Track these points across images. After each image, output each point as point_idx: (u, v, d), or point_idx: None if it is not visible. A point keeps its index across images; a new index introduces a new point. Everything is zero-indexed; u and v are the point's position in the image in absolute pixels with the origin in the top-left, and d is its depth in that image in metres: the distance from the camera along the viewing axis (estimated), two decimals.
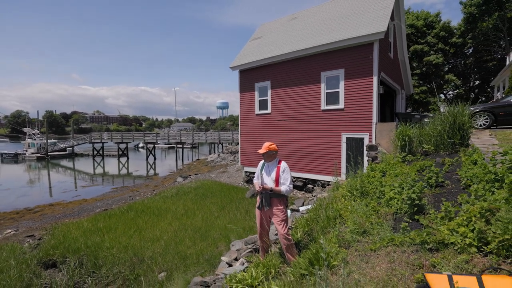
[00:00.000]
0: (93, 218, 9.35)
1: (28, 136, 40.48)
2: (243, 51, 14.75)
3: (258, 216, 3.91)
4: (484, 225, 2.19)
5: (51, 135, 62.03)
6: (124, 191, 17.60)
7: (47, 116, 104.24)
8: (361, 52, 9.94)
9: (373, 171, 5.83)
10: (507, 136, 5.68)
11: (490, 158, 3.44)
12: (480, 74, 27.74)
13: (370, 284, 2.31)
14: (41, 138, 41.00)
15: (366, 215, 3.66)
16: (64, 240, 7.23)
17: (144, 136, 36.21)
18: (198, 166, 25.91)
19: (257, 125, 13.48)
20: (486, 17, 23.60)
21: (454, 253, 2.29)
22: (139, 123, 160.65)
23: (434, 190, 4.05)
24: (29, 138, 40.19)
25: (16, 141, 77.50)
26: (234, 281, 3.21)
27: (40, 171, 28.44)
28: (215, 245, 6.12)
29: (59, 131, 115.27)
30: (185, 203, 10.38)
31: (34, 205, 14.57)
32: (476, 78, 28.91)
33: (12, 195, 17.29)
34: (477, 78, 28.77)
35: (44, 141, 38.34)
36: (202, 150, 48.49)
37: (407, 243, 2.71)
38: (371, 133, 9.75)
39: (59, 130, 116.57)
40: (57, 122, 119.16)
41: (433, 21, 26.50)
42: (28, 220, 11.96)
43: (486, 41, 25.13)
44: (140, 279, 5.30)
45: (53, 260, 6.45)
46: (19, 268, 5.88)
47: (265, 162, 3.92)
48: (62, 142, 41.99)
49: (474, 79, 29.11)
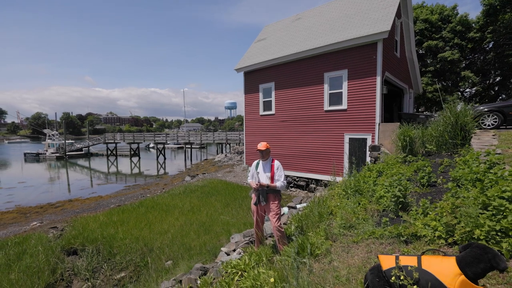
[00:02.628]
0: (108, 213, 10.02)
1: (48, 137, 42.43)
2: (248, 53, 14.99)
3: (254, 211, 4.18)
4: (452, 219, 2.35)
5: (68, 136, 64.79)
6: (136, 189, 18.34)
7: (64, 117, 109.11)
8: (364, 52, 9.94)
9: (370, 171, 5.93)
10: (511, 137, 5.62)
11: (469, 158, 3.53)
12: (502, 70, 26.43)
13: (345, 268, 2.52)
14: (59, 138, 43.02)
15: (353, 211, 3.84)
16: (83, 231, 7.95)
17: (155, 136, 37.17)
18: (205, 166, 26.44)
19: (261, 126, 13.70)
20: (508, 9, 22.40)
21: (424, 244, 2.46)
22: (149, 124, 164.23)
23: (425, 189, 4.16)
24: (49, 138, 42.12)
25: (36, 142, 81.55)
26: (229, 266, 3.53)
27: (59, 170, 29.92)
28: (217, 238, 6.47)
29: (75, 132, 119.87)
30: (191, 200, 10.80)
31: (55, 200, 15.67)
32: (497, 75, 27.56)
33: (35, 191, 18.52)
34: (497, 74, 27.43)
35: (63, 142, 40.21)
36: (210, 150, 49.23)
37: (385, 236, 2.89)
38: (374, 133, 9.76)
39: (76, 131, 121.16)
40: (74, 123, 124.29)
41: (449, 15, 25.44)
42: (51, 214, 12.94)
43: (508, 34, 23.77)
44: (149, 266, 5.77)
45: (74, 248, 7.18)
46: (46, 253, 6.59)
47: (259, 162, 4.18)
48: (78, 143, 43.89)
49: (495, 75, 27.82)
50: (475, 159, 3.93)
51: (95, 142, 41.11)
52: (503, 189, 2.23)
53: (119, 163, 33.98)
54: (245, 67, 13.85)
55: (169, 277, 4.73)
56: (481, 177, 2.89)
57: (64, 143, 39.43)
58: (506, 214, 2.08)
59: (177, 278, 4.24)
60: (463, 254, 1.56)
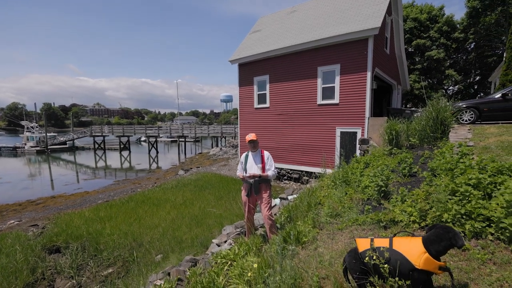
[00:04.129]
0: (94, 208, 9.79)
1: (26, 130, 39.91)
2: (242, 45, 14.95)
3: (246, 202, 4.32)
4: (425, 205, 2.57)
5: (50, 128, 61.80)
6: (126, 183, 18.04)
7: (45, 108, 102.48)
8: (356, 48, 10.16)
9: (358, 163, 6.19)
10: (484, 131, 5.99)
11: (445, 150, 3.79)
12: (481, 69, 27.64)
13: (328, 254, 2.72)
14: (40, 131, 40.62)
15: (340, 201, 4.06)
16: (67, 228, 7.71)
17: (146, 129, 36.40)
18: (200, 160, 26.39)
19: (256, 119, 13.81)
20: (489, 12, 23.45)
21: (401, 228, 2.68)
22: (141, 116, 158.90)
23: (406, 179, 4.42)
24: (28, 131, 39.62)
25: (13, 135, 75.96)
26: (219, 257, 3.65)
27: (41, 165, 28.64)
28: (210, 231, 6.57)
29: (58, 124, 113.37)
30: (184, 194, 10.84)
31: (36, 197, 14.90)
32: (477, 74, 28.81)
33: (13, 188, 17.52)
34: (477, 73, 28.67)
35: (43, 135, 37.75)
36: (205, 143, 48.90)
37: (367, 222, 3.11)
38: (363, 127, 10.07)
39: (58, 123, 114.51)
40: (56, 115, 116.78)
41: (437, 15, 26.29)
42: (31, 211, 12.33)
43: (487, 36, 24.97)
44: (137, 261, 5.76)
45: (56, 245, 6.94)
46: (24, 253, 6.35)
47: (248, 154, 4.31)
48: (62, 136, 41.56)
49: (475, 74, 29.02)
50: (450, 150, 4.21)
51: (81, 135, 39.22)
52: (470, 177, 2.47)
53: (108, 157, 33.20)
54: (240, 58, 13.83)
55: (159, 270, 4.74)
56: (453, 167, 3.14)
57: (45, 136, 37.03)
58: (471, 199, 2.31)
59: (166, 270, 4.27)
60: (428, 234, 1.76)
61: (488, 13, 23.34)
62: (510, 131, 5.61)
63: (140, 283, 4.36)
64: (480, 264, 1.98)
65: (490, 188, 2.40)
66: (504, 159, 3.51)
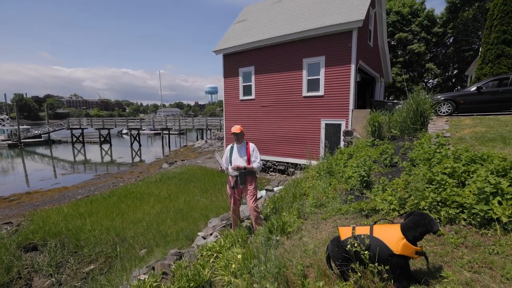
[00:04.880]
0: (73, 204, 9.42)
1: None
2: (227, 35, 14.62)
3: (231, 194, 4.31)
4: (404, 193, 2.67)
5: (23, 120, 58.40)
6: (108, 178, 17.48)
7: (16, 99, 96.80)
8: (340, 40, 10.22)
9: (342, 154, 6.32)
10: (460, 123, 6.29)
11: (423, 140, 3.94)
12: (459, 63, 28.85)
13: (313, 243, 2.77)
14: (11, 124, 38.29)
15: (324, 191, 4.13)
16: (44, 224, 7.37)
17: (128, 122, 35.21)
18: (185, 153, 25.99)
19: (241, 111, 13.69)
20: (467, 7, 24.34)
21: (381, 217, 2.77)
22: (122, 108, 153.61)
23: (388, 169, 4.57)
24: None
25: None
26: (205, 249, 3.64)
27: (14, 160, 27.00)
28: (195, 224, 6.53)
29: (32, 116, 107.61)
30: (168, 187, 10.66)
31: (9, 194, 14.03)
32: (455, 68, 30.09)
33: None
34: (455, 67, 29.94)
35: (15, 127, 35.52)
36: (190, 136, 48.13)
37: (350, 211, 3.19)
38: (347, 119, 10.26)
39: (32, 115, 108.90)
40: (29, 106, 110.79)
41: (418, 9, 26.94)
42: (4, 208, 11.65)
43: (465, 31, 26.01)
44: (121, 256, 5.62)
45: (33, 243, 6.62)
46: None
47: (233, 146, 4.28)
48: (36, 128, 39.28)
49: (453, 68, 30.27)
50: (428, 141, 4.39)
51: (57, 127, 37.23)
52: (445, 166, 2.59)
53: (87, 150, 31.87)
54: (224, 49, 13.54)
55: (143, 265, 4.67)
56: (430, 157, 3.27)
57: (18, 129, 34.83)
58: (446, 187, 2.42)
59: (150, 265, 4.22)
60: (406, 221, 1.83)
61: (466, 8, 24.23)
62: (484, 123, 5.92)
63: (123, 278, 4.27)
64: (453, 248, 2.09)
65: (464, 176, 2.53)
66: (477, 149, 3.71)
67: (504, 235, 2.05)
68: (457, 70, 29.55)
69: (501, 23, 10.22)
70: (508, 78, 7.53)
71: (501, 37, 10.17)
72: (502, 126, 5.33)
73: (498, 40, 10.25)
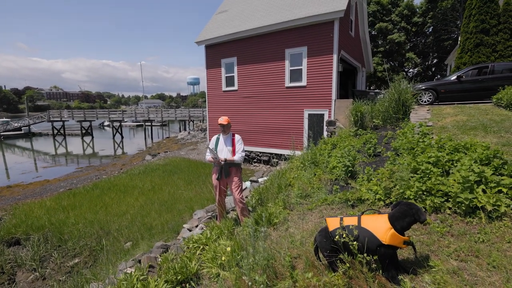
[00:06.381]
0: (56, 197, 9.19)
1: None
2: (209, 25, 14.16)
3: (216, 186, 4.21)
4: (389, 183, 2.68)
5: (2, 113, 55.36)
6: (90, 170, 16.90)
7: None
8: (322, 30, 10.12)
9: (325, 144, 6.34)
10: (441, 112, 6.46)
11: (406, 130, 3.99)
12: (438, 53, 29.69)
13: (299, 234, 2.75)
14: None
15: (309, 182, 4.12)
16: (26, 218, 7.21)
17: (109, 114, 34.12)
18: (168, 144, 25.40)
19: (224, 102, 13.44)
20: None
21: (367, 206, 2.79)
22: (103, 100, 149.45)
23: (372, 158, 4.63)
24: None
25: None
26: (191, 241, 3.56)
27: None
28: (180, 216, 6.44)
29: (11, 109, 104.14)
30: (152, 179, 10.42)
31: None
32: (434, 57, 30.96)
33: None
34: (435, 56, 30.81)
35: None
36: (172, 128, 47.02)
37: (336, 201, 3.19)
38: (330, 109, 10.31)
39: (11, 107, 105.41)
40: (8, 98, 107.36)
41: None
42: None
43: (444, 21, 26.64)
44: (107, 249, 5.52)
45: (16, 238, 6.48)
46: None
47: (219, 137, 4.17)
48: (16, 121, 37.84)
49: (433, 57, 31.15)
50: (411, 131, 4.46)
51: (37, 120, 35.86)
52: (429, 155, 2.61)
53: (69, 143, 30.57)
54: (206, 40, 13.13)
55: (129, 258, 4.62)
56: (414, 146, 3.31)
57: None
58: (431, 176, 2.45)
59: (136, 258, 4.16)
60: (393, 211, 1.82)
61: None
62: (465, 111, 6.11)
63: (109, 272, 4.16)
64: (439, 236, 2.13)
65: (448, 165, 2.57)
66: (460, 138, 3.80)
67: (489, 223, 2.09)
68: (437, 59, 30.43)
69: (479, 12, 10.45)
70: (487, 67, 7.75)
71: (480, 26, 10.41)
72: (482, 115, 5.51)
73: (476, 29, 10.49)
